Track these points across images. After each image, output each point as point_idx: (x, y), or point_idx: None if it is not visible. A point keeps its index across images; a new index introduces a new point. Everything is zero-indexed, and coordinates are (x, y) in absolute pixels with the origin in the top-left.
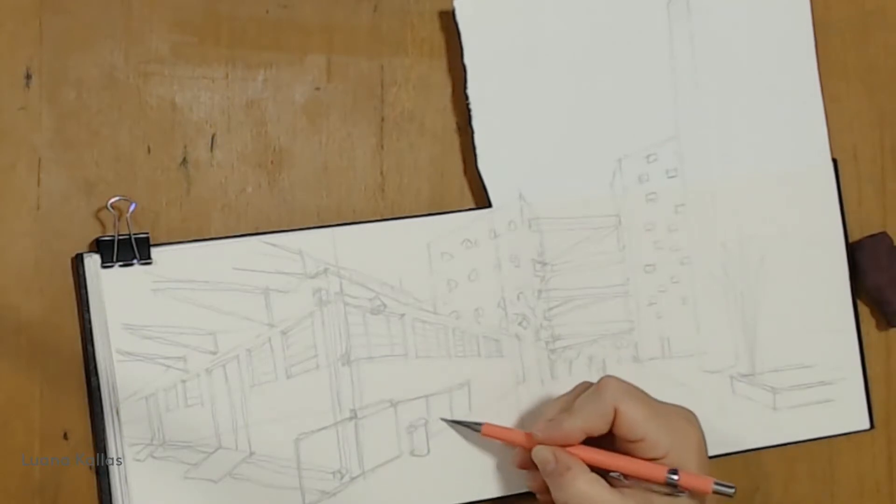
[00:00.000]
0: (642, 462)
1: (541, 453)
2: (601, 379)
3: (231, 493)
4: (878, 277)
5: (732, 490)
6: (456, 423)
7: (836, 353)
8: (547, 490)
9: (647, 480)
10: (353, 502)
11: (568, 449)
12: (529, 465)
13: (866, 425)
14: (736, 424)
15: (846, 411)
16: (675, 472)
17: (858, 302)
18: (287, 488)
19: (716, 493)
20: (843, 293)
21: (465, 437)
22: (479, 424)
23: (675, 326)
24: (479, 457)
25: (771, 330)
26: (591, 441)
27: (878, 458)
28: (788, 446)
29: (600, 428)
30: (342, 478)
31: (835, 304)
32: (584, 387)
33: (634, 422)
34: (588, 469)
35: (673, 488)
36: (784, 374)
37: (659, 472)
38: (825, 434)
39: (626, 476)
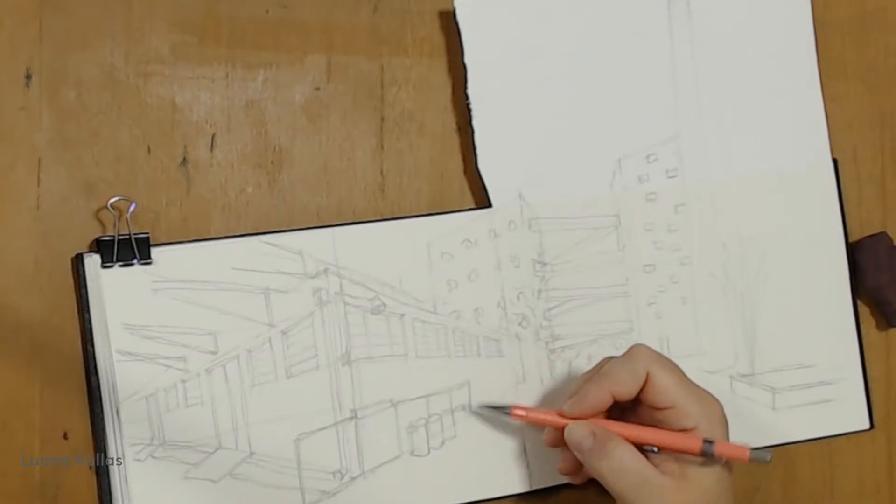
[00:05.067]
0: (676, 433)
1: (576, 432)
2: (632, 347)
3: (231, 493)
4: (878, 277)
5: (769, 456)
6: (485, 409)
7: (836, 353)
8: (578, 470)
9: (683, 451)
10: (353, 502)
11: (602, 422)
12: (560, 442)
13: (866, 425)
14: (735, 424)
15: (846, 411)
16: (710, 441)
17: (858, 302)
18: (287, 488)
19: (752, 460)
20: (843, 293)
21: (466, 436)
22: (507, 408)
23: (675, 326)
24: (480, 457)
25: (771, 330)
26: (616, 417)
27: (878, 458)
28: (788, 446)
29: (629, 391)
30: (342, 478)
31: (835, 304)
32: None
33: (666, 388)
34: (626, 441)
35: (707, 458)
36: (784, 374)
37: (694, 442)
38: (825, 434)
39: (660, 449)
